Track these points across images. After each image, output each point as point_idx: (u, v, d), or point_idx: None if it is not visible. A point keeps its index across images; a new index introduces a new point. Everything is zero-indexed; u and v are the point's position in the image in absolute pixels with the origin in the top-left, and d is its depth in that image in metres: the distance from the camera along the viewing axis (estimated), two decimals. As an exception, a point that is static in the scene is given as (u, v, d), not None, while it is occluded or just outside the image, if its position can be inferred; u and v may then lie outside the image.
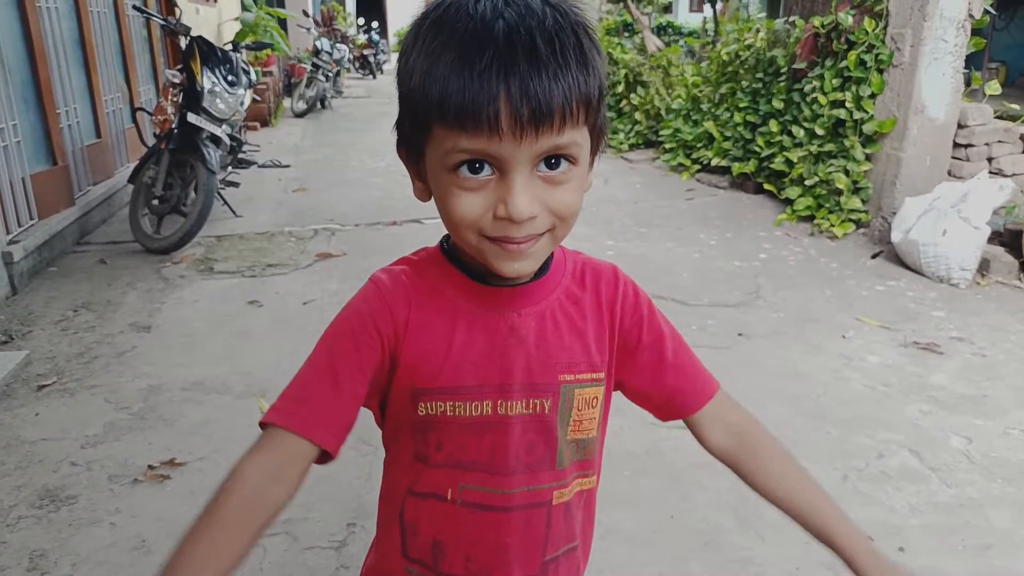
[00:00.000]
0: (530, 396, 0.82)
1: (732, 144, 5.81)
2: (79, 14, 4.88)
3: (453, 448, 0.82)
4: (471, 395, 0.81)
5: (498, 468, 0.82)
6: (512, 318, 0.81)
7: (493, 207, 0.70)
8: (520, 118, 0.65)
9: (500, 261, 0.73)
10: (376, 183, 6.11)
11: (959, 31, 4.22)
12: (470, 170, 0.69)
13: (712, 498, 2.11)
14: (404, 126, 0.76)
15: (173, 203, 4.28)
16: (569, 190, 0.72)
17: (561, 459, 0.85)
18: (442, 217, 0.75)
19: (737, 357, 2.99)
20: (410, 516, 0.87)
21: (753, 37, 5.77)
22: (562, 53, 0.66)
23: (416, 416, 0.82)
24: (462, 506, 0.84)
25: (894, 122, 4.33)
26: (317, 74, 10.65)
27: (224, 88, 4.48)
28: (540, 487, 0.84)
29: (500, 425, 0.82)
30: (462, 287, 0.81)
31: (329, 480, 2.16)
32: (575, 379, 0.84)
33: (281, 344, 3.07)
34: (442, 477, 0.84)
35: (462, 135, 0.66)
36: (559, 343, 0.83)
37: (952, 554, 1.91)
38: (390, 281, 0.83)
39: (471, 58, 0.65)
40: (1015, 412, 2.59)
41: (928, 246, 3.79)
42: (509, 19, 0.66)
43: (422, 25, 0.71)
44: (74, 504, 2.06)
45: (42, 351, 2.98)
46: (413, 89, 0.69)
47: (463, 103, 0.65)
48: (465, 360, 0.80)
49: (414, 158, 0.77)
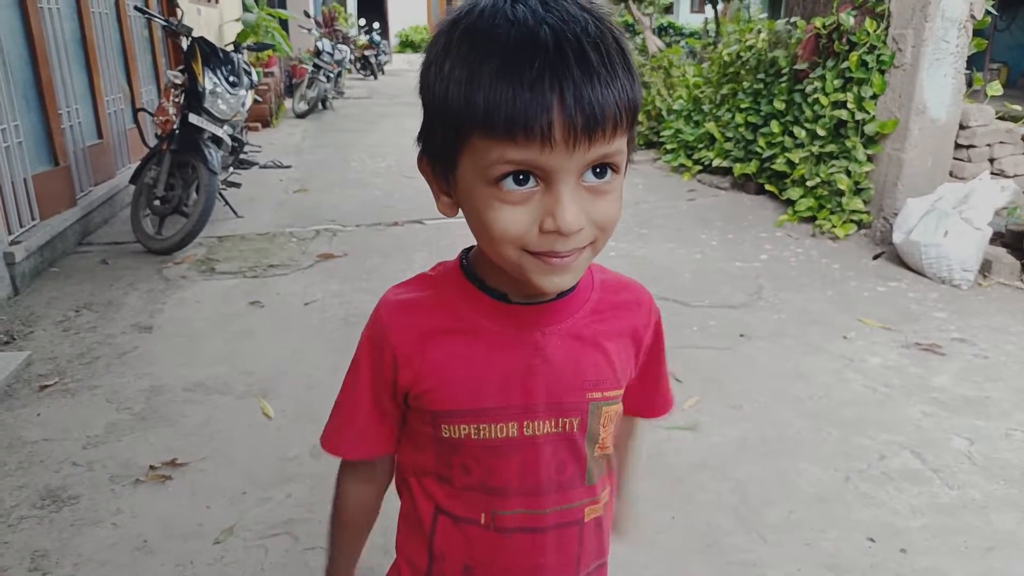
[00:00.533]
0: (557, 415, 0.80)
1: (733, 145, 5.80)
2: (81, 15, 4.88)
3: (481, 473, 0.81)
4: (495, 417, 0.79)
5: (529, 489, 0.81)
6: (536, 337, 0.78)
7: (538, 221, 0.66)
8: (574, 128, 0.62)
9: (542, 276, 0.70)
10: (377, 184, 6.11)
11: (961, 32, 4.22)
12: (515, 182, 0.65)
13: (713, 500, 2.10)
14: (434, 138, 0.72)
15: (175, 204, 4.28)
16: (612, 200, 0.70)
17: (591, 476, 0.85)
18: (477, 232, 0.72)
19: (738, 358, 2.99)
20: (440, 541, 0.85)
21: (754, 38, 5.77)
22: (610, 60, 0.64)
23: (439, 437, 0.81)
24: (496, 531, 0.83)
25: (896, 123, 4.33)
26: (318, 75, 10.65)
27: (225, 89, 4.48)
28: (572, 505, 0.84)
29: (528, 446, 0.80)
30: (482, 307, 0.79)
31: (331, 480, 2.15)
32: (603, 396, 0.82)
33: (282, 345, 3.07)
34: (472, 500, 0.83)
35: (510, 146, 0.63)
36: (587, 361, 0.81)
37: (954, 555, 1.91)
38: (396, 308, 0.82)
39: (520, 66, 0.62)
40: (1017, 413, 2.58)
41: (930, 247, 3.79)
42: (554, 25, 0.63)
43: (453, 32, 0.67)
44: (76, 504, 2.06)
45: (44, 351, 2.98)
46: (451, 98, 0.66)
47: (513, 113, 0.62)
48: (488, 381, 0.78)
49: (441, 171, 0.73)
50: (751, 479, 2.20)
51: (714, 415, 2.54)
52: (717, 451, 2.33)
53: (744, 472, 2.23)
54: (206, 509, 2.04)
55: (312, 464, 2.24)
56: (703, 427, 2.46)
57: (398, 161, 7.02)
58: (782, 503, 2.10)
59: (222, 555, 1.87)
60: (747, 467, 2.26)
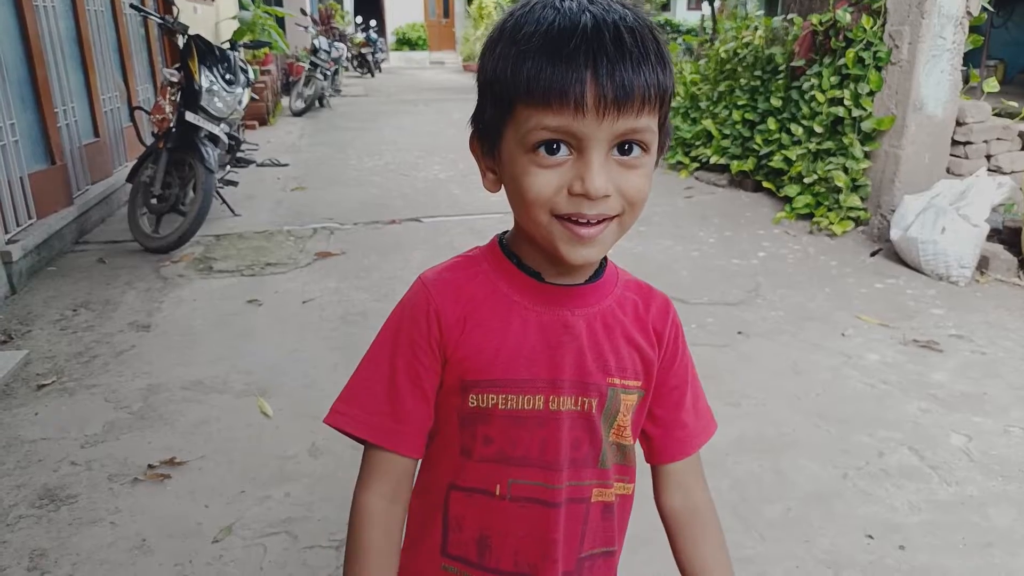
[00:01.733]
0: (579, 393, 0.84)
1: (731, 142, 5.80)
2: (76, 13, 4.87)
3: (503, 443, 0.84)
4: (524, 388, 0.83)
5: (549, 463, 0.84)
6: (566, 316, 0.83)
7: (568, 184, 0.73)
8: (605, 98, 0.69)
9: (569, 246, 0.75)
10: (375, 181, 6.11)
11: (957, 28, 4.22)
12: (548, 150, 0.72)
13: (712, 497, 2.10)
14: (484, 113, 0.79)
15: (172, 202, 4.28)
16: (641, 175, 0.75)
17: (604, 459, 0.88)
18: (515, 200, 0.78)
19: (737, 355, 2.99)
20: (455, 512, 0.88)
21: (751, 35, 5.77)
22: (643, 45, 0.71)
23: (466, 408, 0.84)
24: (512, 501, 0.85)
25: (893, 119, 4.33)
26: (315, 73, 10.62)
27: (222, 87, 4.47)
28: (581, 483, 0.86)
29: (551, 420, 0.84)
30: (517, 283, 0.84)
31: (329, 479, 2.16)
32: (622, 384, 0.86)
33: (281, 343, 3.07)
34: (489, 472, 0.85)
35: (548, 112, 0.70)
36: (610, 347, 0.85)
37: (953, 552, 1.91)
38: (437, 281, 0.85)
39: (560, 43, 0.70)
40: (1015, 410, 2.59)
41: (927, 243, 3.80)
42: (595, 13, 0.71)
43: (507, 22, 0.76)
44: (74, 503, 2.06)
45: (41, 350, 2.97)
46: (500, 73, 0.74)
47: (552, 81, 0.69)
48: (519, 354, 0.82)
49: (489, 148, 0.80)
50: (749, 476, 2.21)
51: (712, 412, 2.53)
52: (715, 448, 2.33)
53: (742, 469, 2.23)
54: (205, 508, 2.04)
55: (311, 463, 2.24)
56: (701, 424, 2.46)
57: (396, 159, 7.01)
58: (780, 500, 2.10)
59: (221, 554, 1.87)
60: (745, 464, 2.26)
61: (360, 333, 3.15)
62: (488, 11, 19.31)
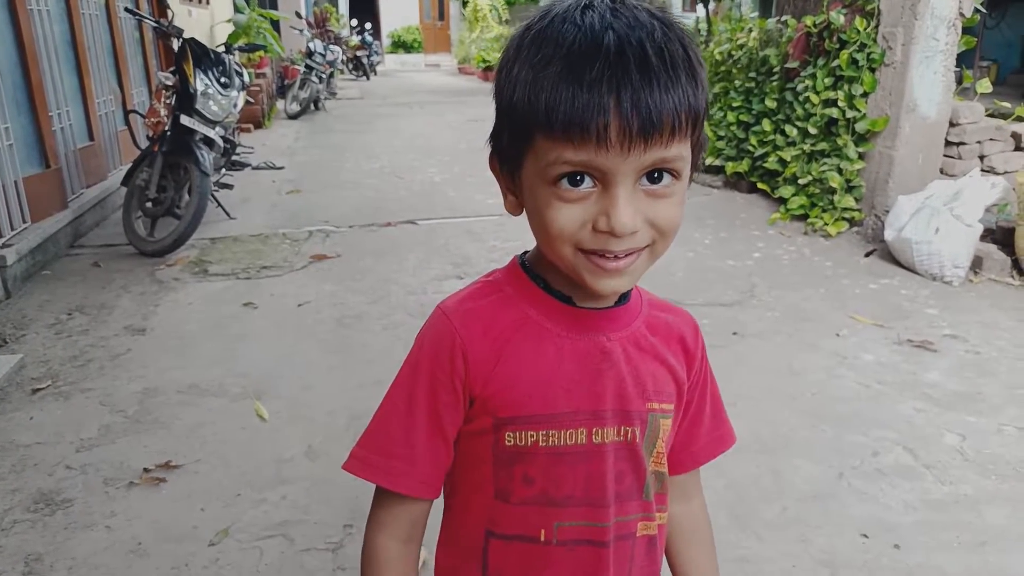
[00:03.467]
0: (622, 423, 0.79)
1: (725, 143, 5.82)
2: (71, 17, 4.86)
3: (546, 483, 0.78)
4: (565, 423, 0.77)
5: (595, 500, 0.79)
6: (603, 342, 0.78)
7: (593, 219, 0.68)
8: (630, 130, 0.63)
9: (596, 278, 0.71)
10: (370, 184, 6.11)
11: (950, 30, 4.24)
12: (571, 182, 0.67)
13: (709, 498, 2.08)
14: (502, 138, 0.73)
15: (167, 205, 4.27)
16: (672, 204, 0.70)
17: (648, 491, 0.83)
18: (537, 232, 0.73)
19: (732, 356, 3.00)
20: (495, 562, 0.81)
21: (746, 36, 5.79)
22: (672, 66, 0.65)
23: (502, 448, 0.78)
24: (559, 545, 0.80)
25: (886, 120, 4.35)
26: (310, 76, 10.62)
27: (217, 90, 4.47)
28: (627, 518, 0.82)
29: (595, 454, 0.78)
30: (548, 308, 0.78)
31: (326, 483, 2.15)
32: (660, 408, 0.82)
33: (276, 346, 3.07)
34: (531, 515, 0.79)
35: (568, 147, 0.65)
36: (646, 371, 0.81)
37: (947, 551, 1.92)
38: (460, 312, 0.79)
39: (581, 68, 0.64)
40: (1009, 409, 2.60)
41: (921, 244, 3.81)
42: (619, 30, 0.64)
43: (525, 37, 0.69)
44: (69, 507, 2.05)
45: (36, 354, 2.97)
46: (517, 100, 0.68)
47: (571, 114, 0.63)
48: (557, 386, 0.77)
49: (508, 171, 0.75)
50: (745, 477, 2.21)
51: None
52: (711, 449, 2.34)
53: (738, 470, 2.24)
54: (201, 511, 2.04)
55: (307, 466, 2.24)
56: (697, 425, 2.46)
57: (391, 162, 7.00)
58: (776, 500, 2.11)
59: (217, 557, 1.87)
60: (741, 465, 2.26)
61: (356, 336, 3.15)
62: (483, 14, 19.33)
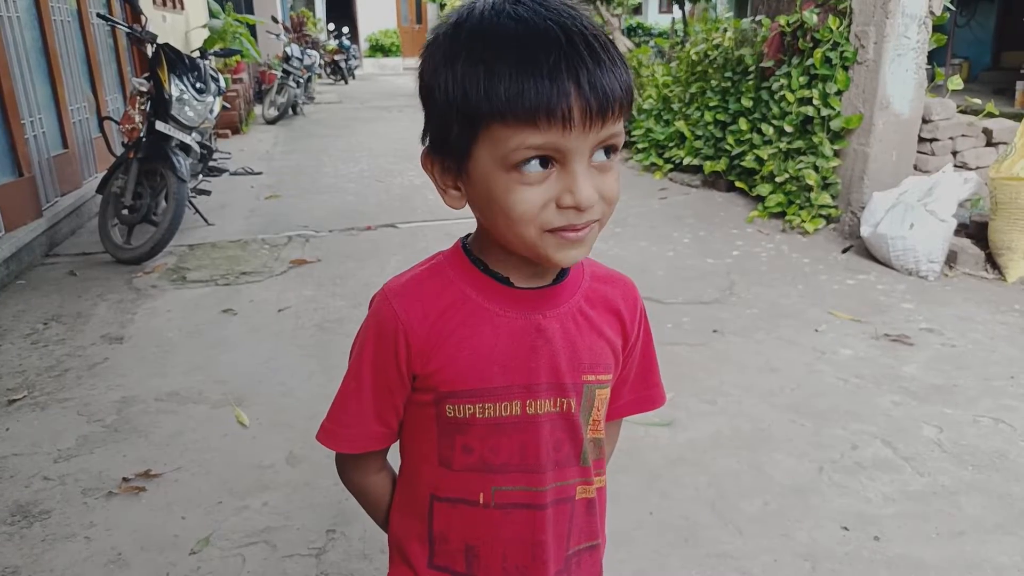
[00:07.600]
0: (557, 395, 0.85)
1: (703, 143, 5.86)
2: (42, 23, 4.80)
3: (483, 451, 0.85)
4: (500, 396, 0.83)
5: (531, 467, 0.85)
6: (539, 320, 0.83)
7: (555, 198, 0.73)
8: (591, 111, 0.69)
9: (560, 252, 0.76)
10: (350, 188, 6.08)
11: (921, 28, 4.30)
12: (531, 167, 0.72)
13: (691, 494, 2.12)
14: (445, 134, 0.75)
15: (143, 212, 4.23)
16: (614, 178, 0.77)
17: (585, 457, 0.89)
18: (494, 217, 0.76)
19: (712, 353, 3.02)
20: (440, 523, 0.89)
21: (721, 37, 5.84)
22: (609, 50, 0.72)
23: (443, 419, 0.84)
24: (496, 508, 0.86)
25: (860, 118, 4.40)
26: (288, 80, 10.57)
27: (192, 96, 4.43)
28: (566, 483, 0.88)
29: (530, 425, 0.84)
30: (487, 289, 0.83)
31: (308, 487, 2.14)
32: (596, 380, 0.87)
33: (256, 352, 3.04)
34: (471, 481, 0.86)
35: (531, 131, 0.69)
36: (583, 344, 0.86)
37: (926, 541, 1.94)
38: (402, 295, 0.83)
39: (537, 58, 0.68)
40: (984, 400, 2.64)
41: (896, 239, 3.86)
42: (557, 21, 0.70)
43: (459, 34, 0.73)
44: (47, 519, 2.02)
45: (12, 365, 2.93)
46: (468, 94, 0.71)
47: (537, 101, 0.68)
48: (493, 362, 0.82)
49: (450, 165, 0.77)
50: (727, 472, 2.23)
51: (689, 410, 2.56)
52: (693, 446, 2.36)
53: (720, 466, 2.26)
54: (181, 520, 2.02)
55: (289, 472, 2.23)
56: (679, 423, 2.48)
57: (371, 165, 6.98)
58: (758, 495, 2.12)
59: (199, 565, 1.85)
60: (723, 461, 2.28)
61: (336, 340, 3.13)
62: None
